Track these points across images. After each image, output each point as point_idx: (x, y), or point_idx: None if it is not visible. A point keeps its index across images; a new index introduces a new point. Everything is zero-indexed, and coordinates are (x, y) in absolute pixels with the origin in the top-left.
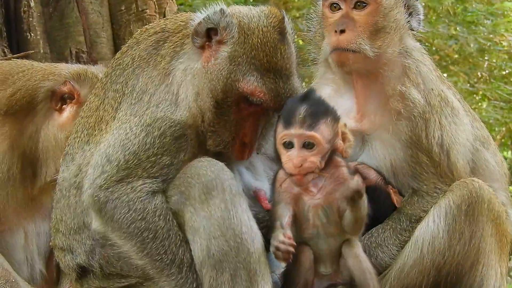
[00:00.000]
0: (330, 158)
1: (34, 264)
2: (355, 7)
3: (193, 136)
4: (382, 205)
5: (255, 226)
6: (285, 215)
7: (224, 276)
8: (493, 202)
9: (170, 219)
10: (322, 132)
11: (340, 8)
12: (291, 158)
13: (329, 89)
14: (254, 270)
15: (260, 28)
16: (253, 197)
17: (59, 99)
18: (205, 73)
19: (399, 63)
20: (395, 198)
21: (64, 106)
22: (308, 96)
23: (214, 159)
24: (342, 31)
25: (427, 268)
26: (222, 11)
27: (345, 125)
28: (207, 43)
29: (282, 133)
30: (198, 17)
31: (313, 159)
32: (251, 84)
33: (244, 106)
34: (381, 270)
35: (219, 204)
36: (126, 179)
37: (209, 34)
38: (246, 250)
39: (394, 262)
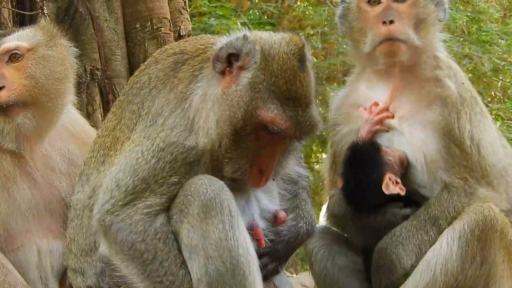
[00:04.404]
0: None
1: (48, 283)
2: (395, 0)
3: (208, 161)
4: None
5: (251, 249)
6: None
7: None
8: (505, 231)
9: (171, 241)
10: None
11: (380, 2)
12: None
13: (362, 85)
14: None
15: (281, 54)
16: (273, 218)
17: None
18: (225, 100)
19: (432, 55)
20: (387, 182)
21: None
22: None
23: (214, 178)
24: (392, 22)
25: None
26: (245, 37)
27: None
28: (227, 68)
29: None
30: (220, 42)
31: None
32: (271, 112)
33: (263, 134)
34: (395, 269)
35: (217, 224)
36: (132, 202)
37: (230, 60)
38: (241, 273)
39: (409, 274)
